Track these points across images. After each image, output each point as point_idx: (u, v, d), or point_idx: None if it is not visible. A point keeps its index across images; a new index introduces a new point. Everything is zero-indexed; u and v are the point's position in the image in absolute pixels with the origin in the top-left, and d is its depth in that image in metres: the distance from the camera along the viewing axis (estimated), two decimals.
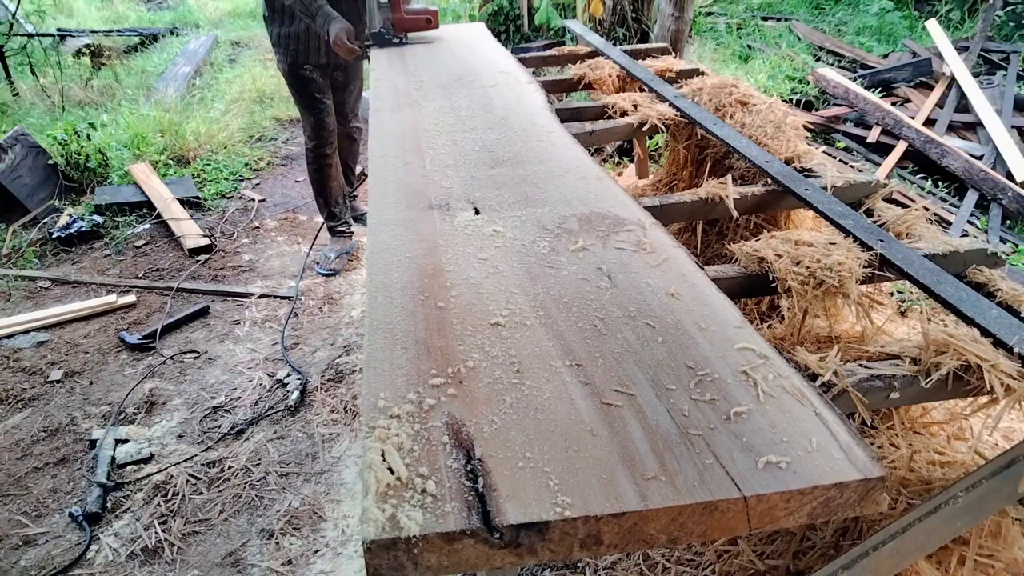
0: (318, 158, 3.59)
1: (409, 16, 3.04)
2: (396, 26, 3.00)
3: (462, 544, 0.79)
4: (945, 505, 1.24)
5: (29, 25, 7.09)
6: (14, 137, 4.38)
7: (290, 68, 3.33)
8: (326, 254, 3.73)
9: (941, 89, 5.13)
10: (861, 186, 2.01)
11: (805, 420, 0.94)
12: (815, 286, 1.59)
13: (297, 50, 3.26)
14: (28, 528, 2.30)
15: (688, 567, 1.88)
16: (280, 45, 3.29)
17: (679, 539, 0.84)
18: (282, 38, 3.26)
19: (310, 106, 3.46)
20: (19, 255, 3.92)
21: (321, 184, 3.68)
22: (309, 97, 3.43)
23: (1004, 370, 1.32)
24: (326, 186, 3.69)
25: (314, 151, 3.57)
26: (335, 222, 3.80)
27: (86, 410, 2.80)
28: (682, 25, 4.43)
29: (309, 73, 3.34)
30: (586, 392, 1.00)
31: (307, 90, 3.40)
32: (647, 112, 2.49)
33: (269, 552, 2.19)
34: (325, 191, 3.71)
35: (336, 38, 2.97)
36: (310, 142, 3.56)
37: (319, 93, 3.43)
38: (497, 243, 1.40)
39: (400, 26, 3.02)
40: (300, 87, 3.41)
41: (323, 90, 3.45)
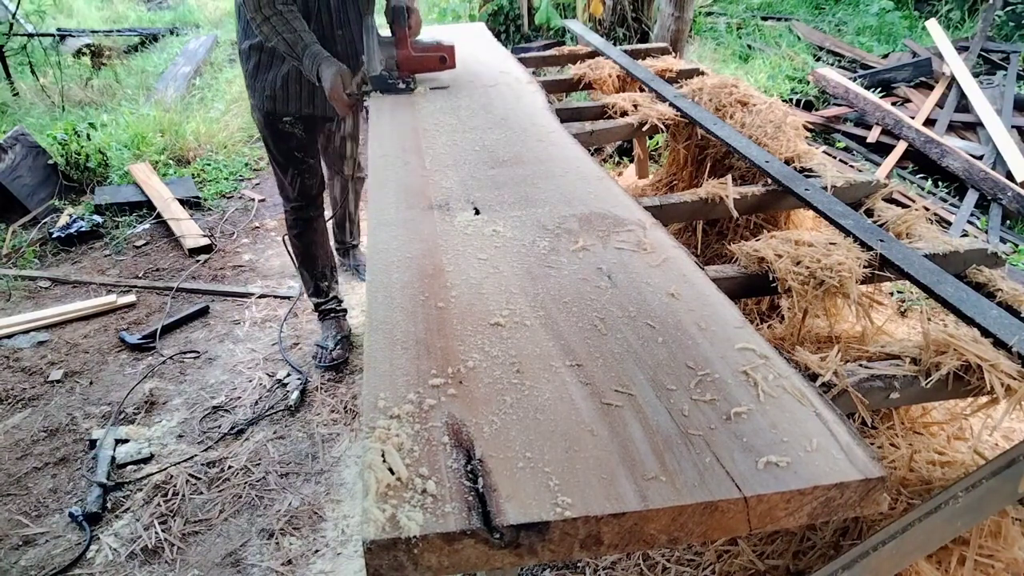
0: (300, 221, 2.85)
1: (418, 54, 2.37)
2: (402, 66, 2.34)
3: (462, 544, 0.79)
4: (945, 505, 1.24)
5: (29, 25, 7.09)
6: (14, 137, 4.38)
7: (266, 119, 2.60)
8: (322, 344, 3.01)
9: (941, 89, 5.13)
10: (861, 186, 2.01)
11: (805, 420, 0.94)
12: (815, 286, 1.59)
13: (275, 96, 2.53)
14: (28, 528, 2.30)
15: (688, 567, 1.88)
16: (255, 88, 2.56)
17: (679, 539, 0.84)
18: (259, 79, 2.54)
19: (287, 166, 2.71)
20: (19, 255, 3.92)
21: (304, 253, 2.90)
22: (286, 155, 2.69)
23: (1004, 370, 1.32)
24: (310, 255, 2.91)
25: (295, 213, 2.84)
26: (322, 299, 3.03)
27: (86, 410, 2.80)
28: (682, 25, 4.43)
29: (290, 127, 2.61)
30: (586, 392, 1.00)
31: (285, 147, 2.67)
32: (647, 112, 2.49)
33: (269, 552, 2.19)
34: (309, 261, 2.93)
35: (332, 88, 2.26)
36: (289, 203, 2.83)
37: (300, 151, 2.69)
38: (497, 243, 1.40)
39: (407, 66, 2.36)
40: (276, 142, 2.67)
41: (306, 147, 2.70)
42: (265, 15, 2.24)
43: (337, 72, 2.26)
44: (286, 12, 2.25)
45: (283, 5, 2.25)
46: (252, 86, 2.58)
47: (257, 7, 2.23)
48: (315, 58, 2.27)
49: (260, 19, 2.24)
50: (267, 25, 2.25)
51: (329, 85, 2.26)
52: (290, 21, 2.26)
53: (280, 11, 2.24)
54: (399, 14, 2.28)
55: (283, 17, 2.25)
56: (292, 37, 2.26)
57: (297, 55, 2.29)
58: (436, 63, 2.42)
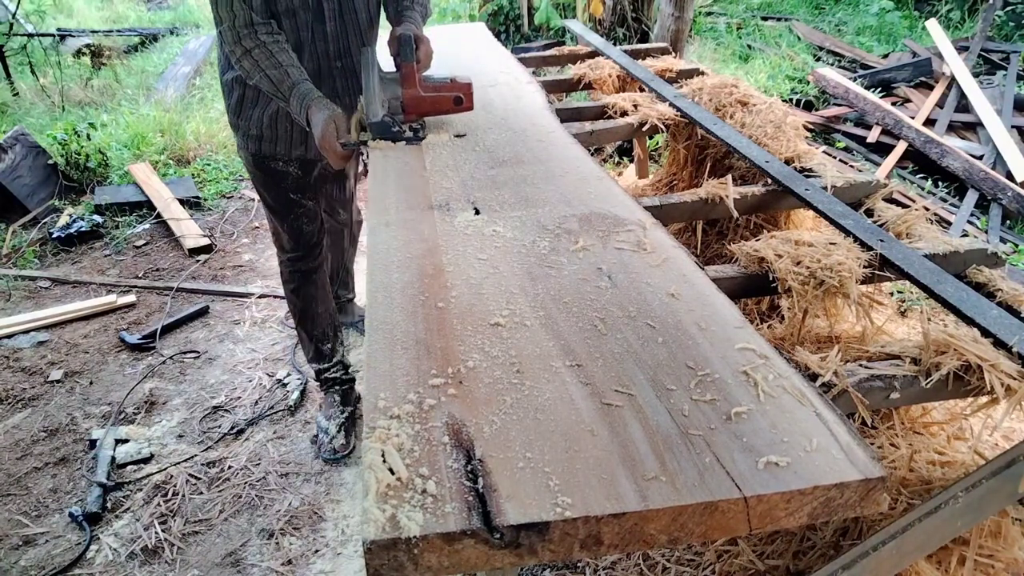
0: (297, 274, 2.47)
1: (428, 94, 1.92)
2: (408, 108, 1.91)
3: (462, 544, 0.79)
4: (945, 505, 1.24)
5: (29, 25, 7.09)
6: (14, 137, 4.38)
7: (254, 160, 2.25)
8: (322, 427, 2.56)
9: (941, 89, 5.13)
10: (861, 186, 2.01)
11: (805, 420, 0.94)
12: (815, 286, 1.59)
13: (262, 136, 2.18)
14: (28, 528, 2.30)
15: (688, 567, 1.88)
16: (240, 127, 2.20)
17: (679, 539, 0.84)
18: (243, 116, 2.17)
19: (283, 211, 2.34)
20: (19, 255, 3.92)
21: (304, 310, 2.53)
22: (281, 199, 2.32)
23: (1004, 370, 1.32)
24: (310, 312, 2.53)
25: (292, 264, 2.46)
26: (324, 364, 2.61)
27: (86, 410, 2.80)
28: (682, 25, 4.43)
29: (283, 166, 2.26)
30: (586, 392, 1.00)
31: (279, 187, 2.30)
32: (647, 112, 2.49)
33: (269, 552, 2.19)
34: (308, 319, 2.54)
35: (323, 136, 1.82)
36: (283, 253, 2.46)
37: (298, 192, 2.31)
38: (497, 243, 1.40)
39: (414, 108, 1.92)
40: (268, 184, 2.30)
41: (303, 188, 2.32)
42: (246, 47, 1.87)
43: (329, 117, 1.82)
44: (271, 43, 1.88)
45: (267, 35, 1.88)
46: (236, 124, 2.22)
47: (236, 39, 1.86)
48: (304, 99, 1.87)
49: (240, 52, 1.88)
50: (248, 59, 1.88)
51: (319, 132, 1.82)
52: (275, 54, 1.87)
53: (263, 42, 1.87)
54: (405, 45, 1.85)
55: (267, 49, 1.87)
56: (277, 74, 1.87)
57: (283, 95, 1.90)
58: (450, 104, 1.95)
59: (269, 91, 1.92)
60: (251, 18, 1.85)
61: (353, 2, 2.02)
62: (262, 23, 1.88)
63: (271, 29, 1.90)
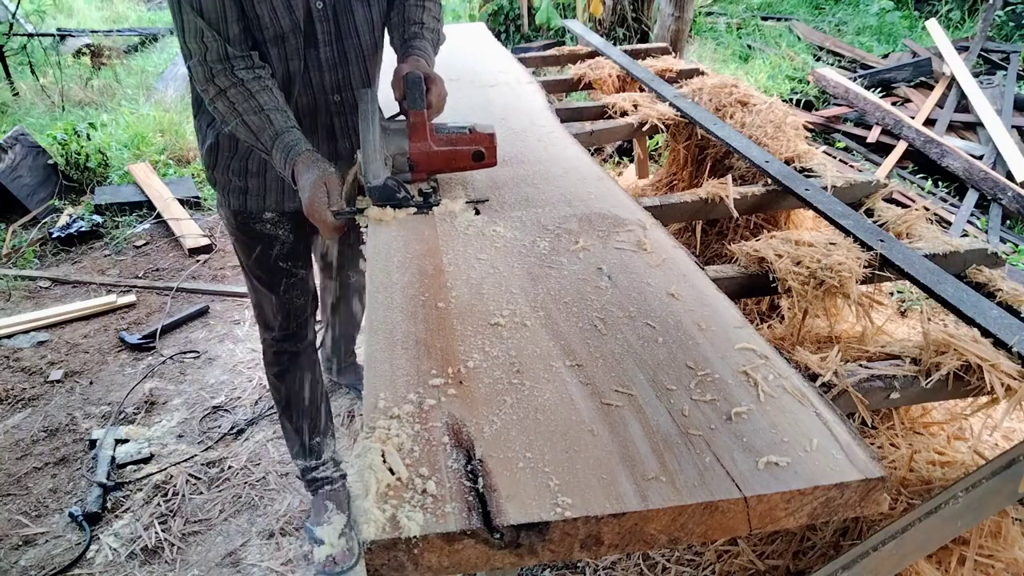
0: (284, 356, 2.07)
1: (442, 148, 1.56)
2: (417, 165, 1.56)
3: (462, 544, 0.79)
4: (945, 505, 1.24)
5: (29, 25, 7.09)
6: (14, 137, 4.38)
7: (236, 219, 1.86)
8: (317, 536, 2.15)
9: (941, 89, 5.13)
10: (861, 186, 2.01)
11: (805, 420, 0.94)
12: (815, 286, 1.59)
13: (247, 190, 1.79)
14: (28, 528, 2.30)
15: (688, 567, 1.88)
16: (217, 180, 1.81)
17: (679, 539, 0.84)
18: (220, 165, 1.78)
19: (272, 282, 1.94)
20: (19, 255, 3.92)
21: (289, 399, 2.12)
22: (267, 267, 1.91)
23: (1004, 370, 1.32)
24: (297, 401, 2.12)
25: (278, 344, 2.06)
26: (313, 462, 2.22)
27: (86, 410, 2.80)
28: (682, 25, 4.43)
29: (271, 228, 1.85)
30: (586, 392, 1.00)
31: (266, 254, 1.89)
32: (647, 112, 2.49)
33: (269, 552, 2.19)
34: (295, 409, 2.14)
35: (311, 202, 1.45)
36: (268, 332, 2.05)
37: (287, 260, 1.91)
38: (497, 243, 1.40)
39: (426, 165, 1.57)
40: (252, 250, 1.90)
41: (295, 255, 1.93)
42: (220, 87, 1.52)
43: (319, 178, 1.45)
44: (250, 81, 1.53)
45: (247, 71, 1.53)
46: (213, 178, 1.82)
47: (207, 76, 1.52)
48: (289, 152, 1.50)
49: (213, 92, 1.53)
50: (222, 101, 1.53)
51: (307, 198, 1.44)
52: (255, 95, 1.52)
53: (241, 80, 1.52)
54: (414, 88, 1.49)
55: (245, 89, 1.52)
56: (257, 120, 1.52)
57: (263, 146, 1.54)
58: (468, 161, 1.57)
59: (247, 140, 1.57)
60: (226, 51, 1.51)
61: (353, 22, 1.66)
62: (240, 56, 1.53)
63: (251, 63, 1.55)
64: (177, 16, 1.50)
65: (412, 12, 1.74)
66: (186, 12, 1.48)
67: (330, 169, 1.49)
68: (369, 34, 1.71)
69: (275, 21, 1.55)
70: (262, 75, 1.56)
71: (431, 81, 1.55)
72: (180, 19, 1.50)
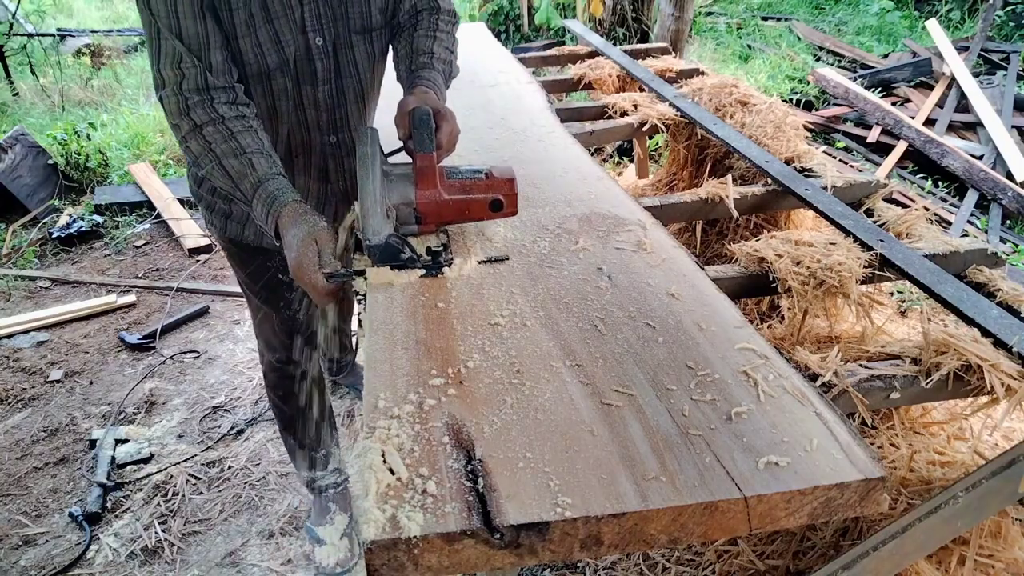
0: (286, 379, 1.97)
1: (455, 196, 1.35)
2: (425, 217, 1.35)
3: (462, 544, 0.79)
4: (945, 505, 1.24)
5: (29, 25, 7.09)
6: (14, 137, 4.38)
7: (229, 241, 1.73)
8: (317, 536, 2.14)
9: (941, 89, 5.13)
10: (861, 186, 2.01)
11: (805, 420, 0.94)
12: (815, 286, 1.59)
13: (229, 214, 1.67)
14: (28, 528, 2.30)
15: (688, 567, 1.88)
16: (203, 200, 1.69)
17: (679, 539, 0.84)
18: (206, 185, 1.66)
19: (271, 298, 1.81)
20: (19, 255, 3.92)
21: (293, 418, 2.04)
22: (267, 283, 1.78)
23: (1004, 370, 1.32)
24: (302, 419, 2.05)
25: (280, 369, 1.95)
26: (316, 472, 2.17)
27: (86, 410, 2.80)
28: (682, 25, 4.43)
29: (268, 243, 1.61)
30: (586, 392, 1.00)
31: (264, 267, 1.76)
32: (647, 112, 2.50)
33: (269, 552, 2.19)
34: (300, 426, 2.06)
35: (299, 264, 1.23)
36: (271, 352, 1.94)
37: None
38: (497, 243, 1.40)
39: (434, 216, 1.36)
40: (248, 264, 1.78)
41: None
42: (196, 122, 1.31)
43: (308, 235, 1.24)
44: (232, 120, 1.32)
45: (228, 105, 1.33)
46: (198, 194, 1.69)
47: (181, 109, 1.31)
48: (272, 203, 1.29)
49: (187, 128, 1.32)
50: (196, 140, 1.32)
51: (293, 259, 1.23)
52: (236, 135, 1.32)
53: (221, 116, 1.32)
54: (421, 127, 1.28)
55: (225, 128, 1.31)
56: (238, 165, 1.31)
57: (243, 195, 1.32)
58: (484, 210, 1.36)
59: (224, 187, 1.35)
60: (206, 80, 1.31)
61: (353, 59, 1.50)
62: (222, 88, 1.33)
63: (234, 97, 1.35)
64: (152, 39, 1.31)
65: (422, 42, 1.54)
66: (163, 35, 1.29)
67: (321, 223, 1.27)
68: (369, 71, 1.54)
69: (260, 58, 1.37)
70: (246, 113, 1.36)
71: (441, 117, 1.35)
72: (156, 43, 1.30)
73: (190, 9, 1.28)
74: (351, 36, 1.46)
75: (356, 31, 1.46)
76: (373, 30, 1.49)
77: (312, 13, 1.39)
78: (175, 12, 1.28)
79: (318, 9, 1.40)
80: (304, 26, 1.39)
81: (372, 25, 1.48)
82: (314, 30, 1.40)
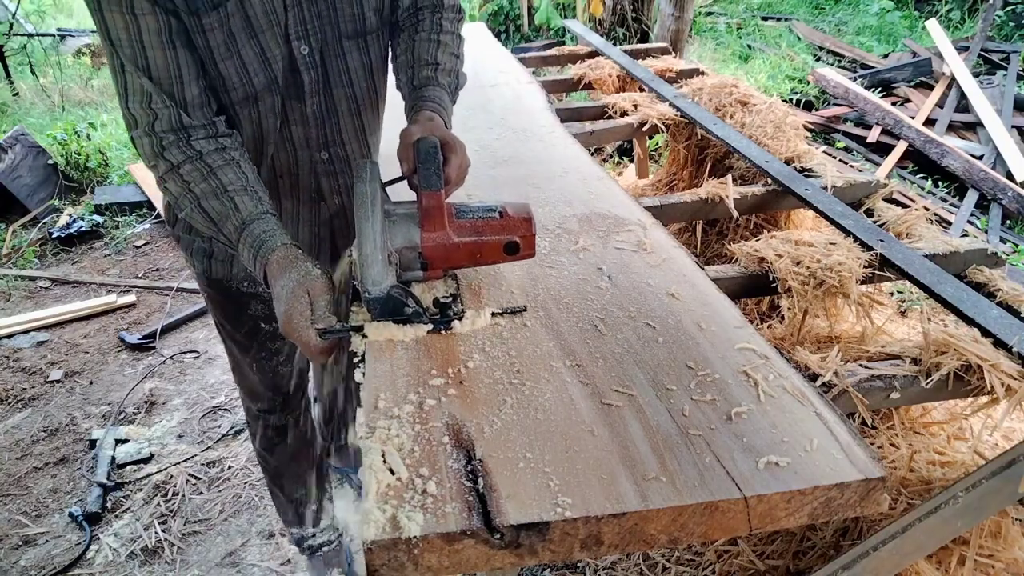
0: (272, 433, 1.83)
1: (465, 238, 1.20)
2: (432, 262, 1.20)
3: (462, 544, 0.79)
4: (945, 505, 1.24)
5: (29, 25, 7.09)
6: (14, 137, 4.38)
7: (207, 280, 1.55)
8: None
9: (941, 89, 5.13)
10: (861, 186, 2.01)
11: (805, 420, 0.94)
12: (815, 286, 1.59)
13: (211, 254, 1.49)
14: (28, 528, 2.30)
15: (688, 567, 1.88)
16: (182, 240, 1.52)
17: (679, 539, 0.84)
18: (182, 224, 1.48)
19: (249, 345, 1.64)
20: (19, 255, 3.92)
21: (279, 470, 1.91)
22: (247, 330, 1.61)
23: (1005, 370, 1.32)
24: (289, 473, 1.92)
25: (263, 417, 1.81)
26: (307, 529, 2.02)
27: (86, 410, 2.80)
28: (682, 25, 4.43)
29: (249, 287, 1.53)
30: (586, 392, 1.00)
31: (244, 313, 1.59)
32: (647, 112, 2.50)
33: (269, 552, 2.19)
34: (289, 479, 1.93)
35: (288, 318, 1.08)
36: (253, 402, 1.80)
37: (270, 321, 1.59)
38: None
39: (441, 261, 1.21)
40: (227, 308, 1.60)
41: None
42: (172, 162, 1.17)
43: (299, 285, 1.09)
44: (211, 154, 1.18)
45: (207, 141, 1.19)
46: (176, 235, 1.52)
47: (156, 150, 1.17)
48: (260, 246, 1.15)
49: (164, 169, 1.18)
50: (175, 180, 1.18)
51: (283, 310, 1.08)
52: (216, 171, 1.18)
53: (199, 153, 1.18)
54: (427, 161, 1.13)
55: (204, 164, 1.17)
56: (219, 206, 1.17)
57: (227, 239, 1.19)
58: (497, 253, 1.21)
59: (206, 230, 1.20)
60: (179, 119, 1.16)
61: (344, 67, 1.32)
62: (200, 125, 1.19)
63: (213, 131, 1.20)
64: (117, 73, 1.13)
65: (424, 49, 1.36)
66: (129, 72, 1.12)
67: (314, 271, 1.12)
68: (365, 80, 1.36)
69: (246, 81, 1.22)
70: (227, 145, 1.21)
71: (449, 149, 1.18)
72: (121, 77, 1.13)
73: (157, 39, 1.11)
74: (341, 42, 1.28)
75: (348, 36, 1.28)
76: (368, 33, 1.31)
77: (296, 18, 1.20)
78: (140, 44, 1.10)
79: (302, 14, 1.21)
80: (287, 34, 1.21)
81: (366, 28, 1.30)
82: (298, 37, 1.22)
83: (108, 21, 1.08)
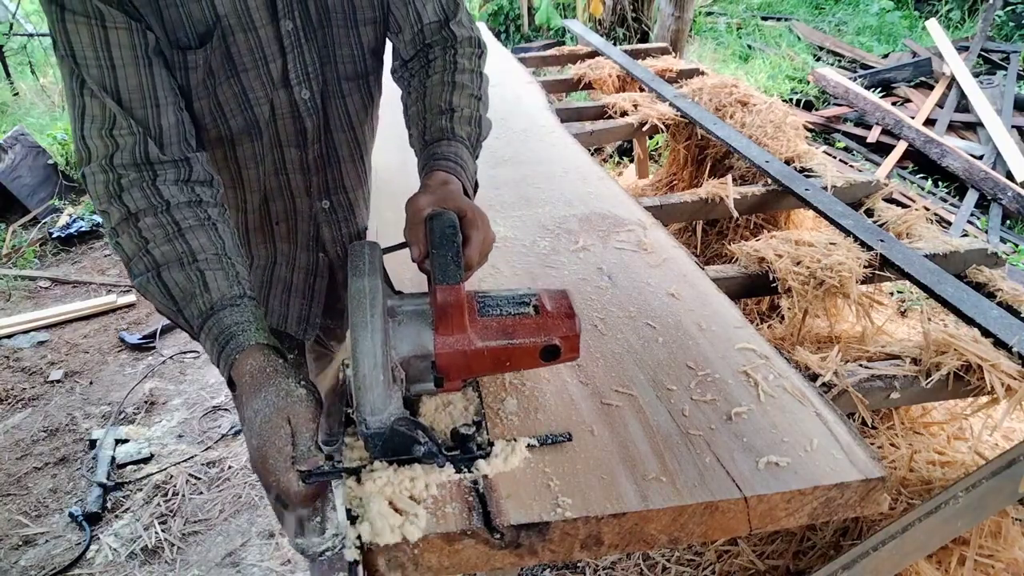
0: None
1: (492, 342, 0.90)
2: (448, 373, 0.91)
3: (462, 544, 0.79)
4: (945, 505, 1.24)
5: (29, 25, 7.09)
6: (14, 137, 4.38)
7: None
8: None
9: (941, 89, 5.13)
10: (861, 186, 2.01)
11: (805, 420, 0.94)
12: (815, 286, 1.59)
13: None
14: (28, 528, 2.30)
15: (688, 567, 1.88)
16: None
17: (680, 539, 0.84)
18: None
19: None
20: (19, 255, 3.92)
21: None
22: None
23: (1005, 370, 1.32)
24: None
25: None
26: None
27: (86, 410, 2.80)
28: (682, 25, 4.43)
29: None
30: (586, 392, 1.00)
31: None
32: (647, 112, 2.50)
33: (269, 552, 2.19)
34: None
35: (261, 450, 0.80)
36: None
37: None
38: (497, 243, 1.40)
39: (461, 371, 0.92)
40: None
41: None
42: (129, 208, 0.93)
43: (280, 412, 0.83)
44: (180, 207, 0.95)
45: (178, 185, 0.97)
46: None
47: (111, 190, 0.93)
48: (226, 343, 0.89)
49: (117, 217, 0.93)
50: (130, 234, 0.93)
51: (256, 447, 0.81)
52: (186, 232, 0.93)
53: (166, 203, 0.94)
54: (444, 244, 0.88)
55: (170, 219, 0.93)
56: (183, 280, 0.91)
57: (187, 323, 0.93)
58: (532, 359, 0.93)
59: (162, 308, 0.94)
60: (145, 152, 0.95)
61: (345, 111, 1.20)
62: (171, 162, 0.97)
63: (187, 173, 0.99)
64: (74, 95, 0.93)
65: (436, 94, 1.14)
66: (90, 90, 0.92)
67: (297, 390, 0.84)
68: (365, 122, 1.24)
69: (219, 121, 1.06)
70: (202, 198, 0.98)
71: (469, 224, 0.93)
72: (80, 102, 0.93)
73: (130, 55, 0.93)
74: (341, 84, 1.16)
75: (347, 77, 1.16)
76: (368, 74, 1.19)
77: (297, 62, 1.08)
78: (109, 61, 0.92)
79: (303, 56, 1.08)
80: (287, 79, 1.08)
81: (367, 69, 1.18)
82: (299, 82, 1.10)
83: (71, 34, 0.90)
